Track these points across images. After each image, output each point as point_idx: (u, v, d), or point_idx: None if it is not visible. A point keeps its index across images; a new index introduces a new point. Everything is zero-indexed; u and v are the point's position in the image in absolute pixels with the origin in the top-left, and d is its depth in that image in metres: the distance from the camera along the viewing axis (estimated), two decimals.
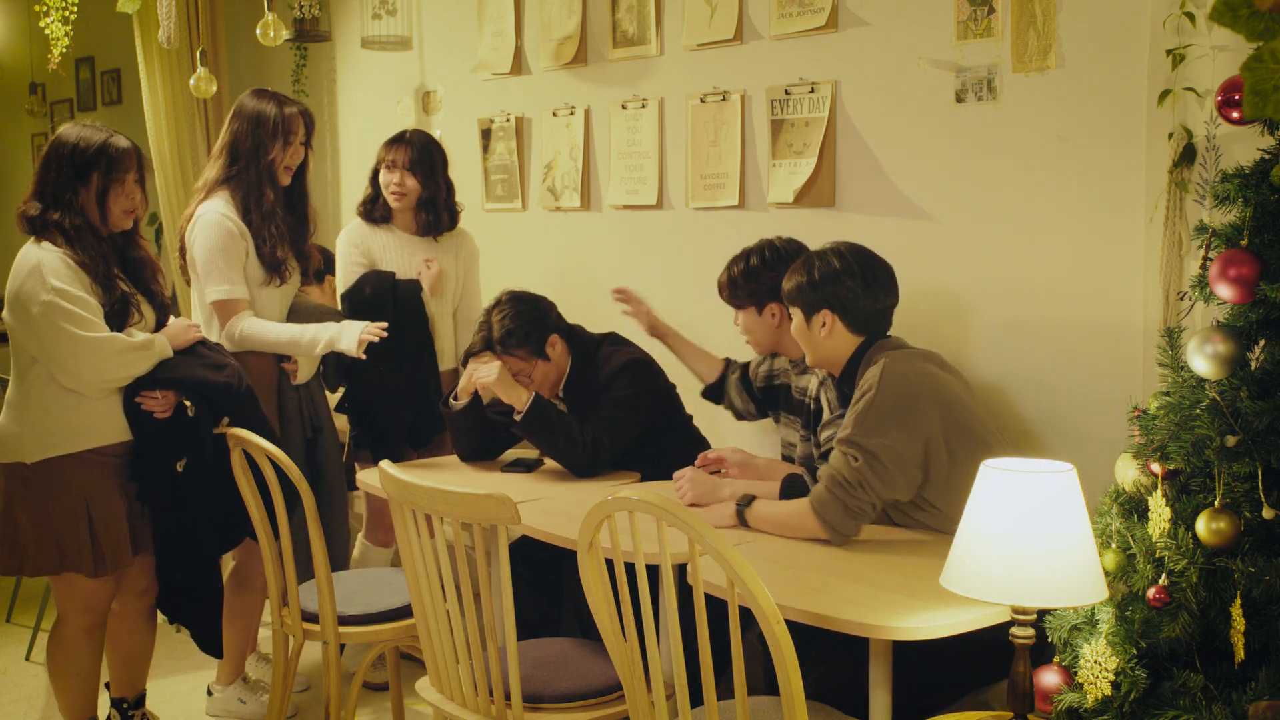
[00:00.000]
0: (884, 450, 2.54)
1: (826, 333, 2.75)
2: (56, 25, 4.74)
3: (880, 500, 2.57)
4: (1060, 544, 1.91)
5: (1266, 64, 1.47)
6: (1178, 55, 2.59)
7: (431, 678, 2.68)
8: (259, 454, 2.95)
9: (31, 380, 2.97)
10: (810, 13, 3.40)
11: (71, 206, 2.98)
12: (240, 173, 3.47)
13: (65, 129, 3.08)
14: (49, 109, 7.69)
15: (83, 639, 3.10)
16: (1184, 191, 2.62)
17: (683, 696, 2.17)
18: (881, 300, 2.75)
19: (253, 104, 3.52)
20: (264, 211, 3.47)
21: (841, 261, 2.72)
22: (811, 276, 2.74)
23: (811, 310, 2.76)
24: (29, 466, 2.96)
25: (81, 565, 2.98)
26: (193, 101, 5.38)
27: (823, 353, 2.79)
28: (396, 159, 3.78)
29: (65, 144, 3.01)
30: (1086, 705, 2.00)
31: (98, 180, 3.00)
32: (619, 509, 2.12)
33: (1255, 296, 1.95)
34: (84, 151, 3.00)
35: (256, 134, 3.47)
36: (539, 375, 3.35)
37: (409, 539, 2.55)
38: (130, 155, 3.05)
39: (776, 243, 3.12)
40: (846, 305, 2.72)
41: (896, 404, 2.56)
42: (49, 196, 2.99)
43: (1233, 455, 1.94)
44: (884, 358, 2.64)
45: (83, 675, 3.13)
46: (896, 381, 2.58)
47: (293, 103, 3.56)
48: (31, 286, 2.90)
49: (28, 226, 3.01)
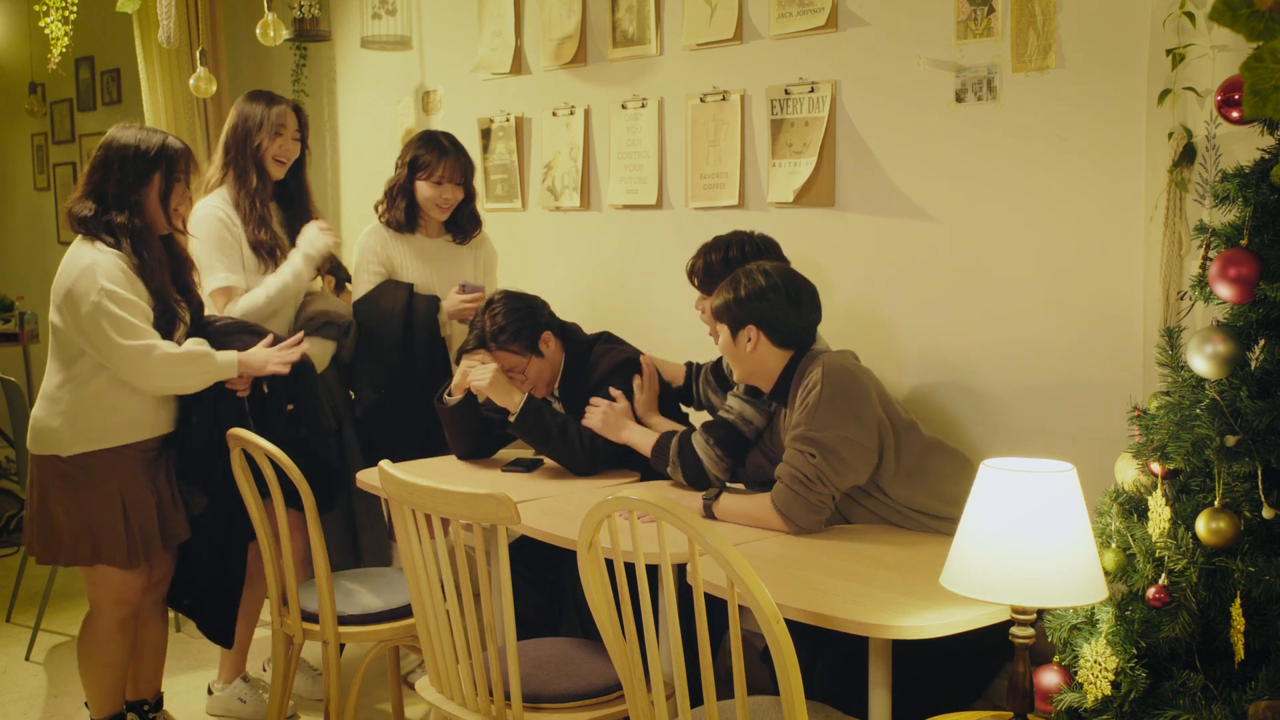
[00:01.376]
0: (839, 442, 2.63)
1: (752, 348, 2.81)
2: (56, 25, 4.73)
3: (839, 491, 2.68)
4: (1060, 544, 1.91)
5: (1266, 64, 1.47)
6: (1178, 55, 2.59)
7: (431, 678, 2.68)
8: (259, 454, 2.95)
9: (74, 374, 3.02)
10: (810, 12, 3.40)
11: (135, 208, 3.03)
12: (230, 164, 3.54)
13: (117, 131, 3.12)
14: (49, 109, 7.68)
15: (115, 631, 3.15)
16: (1184, 191, 2.62)
17: (683, 696, 2.17)
18: (805, 317, 2.82)
19: (244, 104, 3.61)
20: (250, 194, 3.51)
21: (767, 279, 2.79)
22: (738, 294, 2.80)
23: (738, 326, 2.82)
24: (65, 459, 3.01)
25: (115, 557, 3.04)
26: (192, 101, 5.38)
27: (749, 367, 2.86)
28: (446, 173, 3.71)
29: (125, 145, 3.06)
30: (1086, 705, 2.00)
31: (160, 181, 3.05)
32: (619, 509, 2.12)
33: (1255, 296, 1.95)
34: (145, 153, 3.05)
35: (245, 126, 3.55)
36: (533, 372, 3.35)
37: (409, 539, 2.55)
38: (187, 155, 3.13)
39: (755, 236, 3.13)
40: (771, 321, 2.78)
41: (844, 394, 2.67)
42: (110, 198, 3.03)
43: (1233, 455, 1.94)
44: (821, 357, 2.75)
45: (113, 667, 3.18)
46: (839, 374, 2.69)
47: (282, 99, 3.62)
48: (84, 286, 2.93)
49: (80, 226, 3.04)
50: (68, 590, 4.80)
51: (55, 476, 3.03)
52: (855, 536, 2.66)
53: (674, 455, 3.00)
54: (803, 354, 2.81)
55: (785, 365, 2.81)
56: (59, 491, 3.03)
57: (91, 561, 3.05)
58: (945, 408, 3.18)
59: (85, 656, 3.18)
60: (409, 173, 3.75)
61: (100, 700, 3.20)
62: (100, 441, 3.01)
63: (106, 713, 3.21)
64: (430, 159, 3.72)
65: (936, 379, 3.22)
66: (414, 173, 3.74)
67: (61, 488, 3.03)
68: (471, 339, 3.36)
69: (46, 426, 3.03)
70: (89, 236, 3.02)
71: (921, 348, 3.25)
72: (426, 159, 3.72)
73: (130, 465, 3.05)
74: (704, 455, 2.95)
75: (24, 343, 6.86)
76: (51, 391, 3.05)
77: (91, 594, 3.15)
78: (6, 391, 4.49)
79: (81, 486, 3.02)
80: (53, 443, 3.02)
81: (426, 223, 3.80)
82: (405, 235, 3.79)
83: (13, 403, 4.47)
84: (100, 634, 3.15)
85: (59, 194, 7.74)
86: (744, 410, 3.01)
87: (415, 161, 3.74)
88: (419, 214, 3.78)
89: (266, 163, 3.55)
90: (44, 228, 8.03)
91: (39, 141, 7.96)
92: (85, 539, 3.03)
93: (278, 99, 3.61)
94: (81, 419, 3.00)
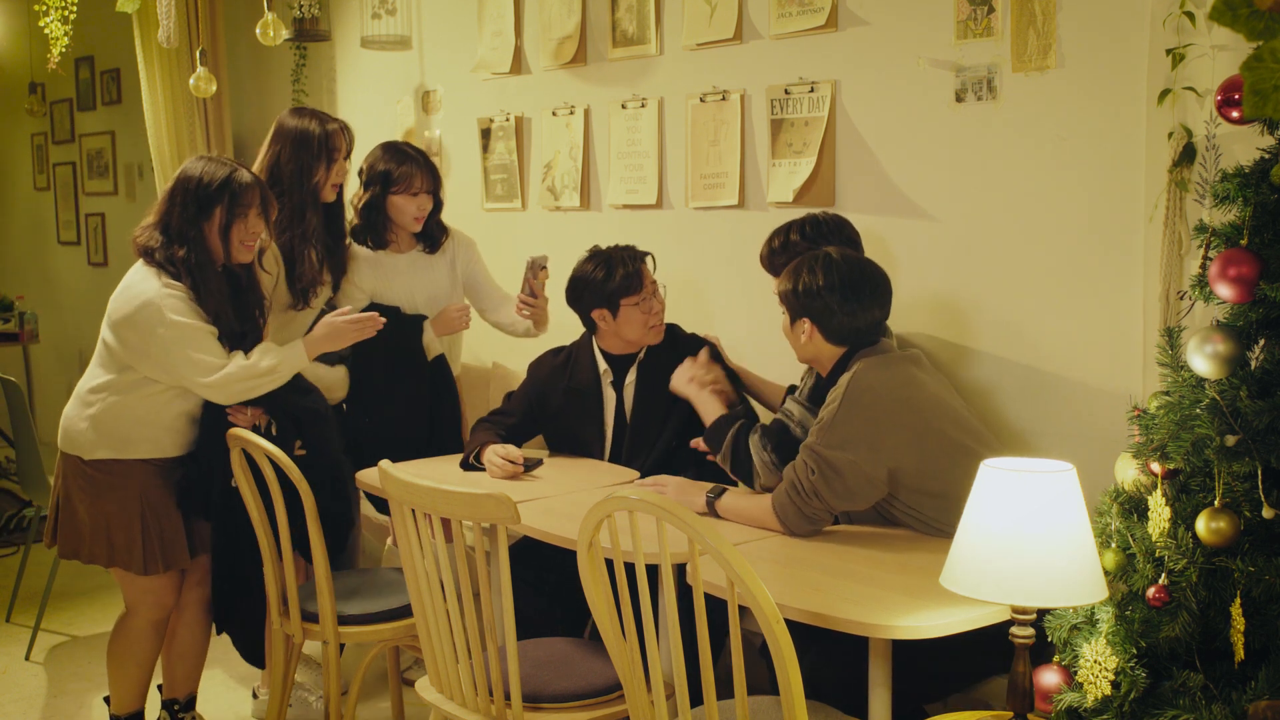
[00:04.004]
0: (843, 464, 2.58)
1: (807, 338, 2.80)
2: (56, 25, 4.73)
3: (835, 509, 2.64)
4: (1060, 544, 1.91)
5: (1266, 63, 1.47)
6: (1178, 55, 2.59)
7: (431, 678, 2.68)
8: (259, 454, 2.96)
9: (118, 382, 3.05)
10: (810, 12, 3.40)
11: (195, 242, 3.05)
12: (282, 196, 3.40)
13: (190, 163, 3.13)
14: (49, 109, 7.68)
15: (149, 631, 3.20)
16: (1184, 191, 2.62)
17: (683, 696, 2.17)
18: (861, 316, 2.74)
19: (294, 123, 3.47)
20: (305, 236, 3.43)
21: (827, 277, 2.73)
22: (795, 285, 2.78)
23: (795, 316, 2.81)
24: (86, 462, 3.07)
25: (130, 563, 3.08)
26: (192, 101, 5.37)
27: (806, 354, 2.85)
28: (422, 184, 3.63)
29: (190, 177, 3.08)
30: (1086, 705, 2.00)
31: (221, 215, 3.06)
32: (619, 509, 2.12)
33: (1255, 296, 1.95)
34: (208, 186, 3.06)
35: (300, 156, 3.44)
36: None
37: (409, 539, 2.55)
38: (254, 190, 3.10)
39: (820, 217, 3.11)
40: (825, 317, 2.75)
41: (863, 417, 2.60)
42: (173, 231, 3.05)
43: (1233, 455, 1.94)
44: (857, 365, 2.67)
45: (142, 665, 3.22)
46: (864, 394, 2.61)
47: (334, 119, 3.52)
48: (147, 317, 2.97)
49: (145, 255, 3.07)
50: (68, 590, 4.81)
51: (78, 476, 3.09)
52: (855, 537, 2.66)
53: (728, 445, 2.95)
54: (857, 350, 2.76)
55: (839, 358, 2.78)
56: (81, 491, 3.09)
57: (108, 563, 3.11)
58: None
59: (115, 653, 3.22)
60: (382, 188, 3.64)
61: (124, 696, 3.23)
62: (122, 452, 3.06)
63: (127, 709, 3.24)
64: (407, 171, 3.61)
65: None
66: (387, 188, 3.64)
67: (84, 487, 3.08)
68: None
69: (74, 427, 3.08)
70: (149, 263, 3.05)
71: (921, 347, 3.25)
72: (403, 171, 3.61)
73: (151, 477, 3.10)
74: (757, 458, 2.88)
75: (24, 343, 6.86)
76: (85, 394, 3.09)
77: (127, 595, 3.20)
78: (6, 391, 4.49)
79: (102, 489, 3.07)
80: (78, 444, 3.07)
81: (397, 238, 3.71)
82: (379, 253, 3.70)
83: (13, 403, 4.47)
84: (133, 633, 3.19)
85: (59, 194, 7.74)
86: (805, 419, 2.91)
87: (389, 176, 3.62)
88: (389, 228, 3.70)
89: (325, 193, 3.49)
90: (44, 228, 8.03)
91: (39, 141, 7.96)
92: (103, 540, 3.08)
93: (328, 118, 3.51)
94: (107, 426, 3.04)
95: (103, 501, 3.06)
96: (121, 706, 3.24)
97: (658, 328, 3.37)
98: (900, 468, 2.61)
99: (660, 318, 3.38)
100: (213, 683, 3.87)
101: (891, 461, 2.60)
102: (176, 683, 3.35)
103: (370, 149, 3.76)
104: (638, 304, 3.31)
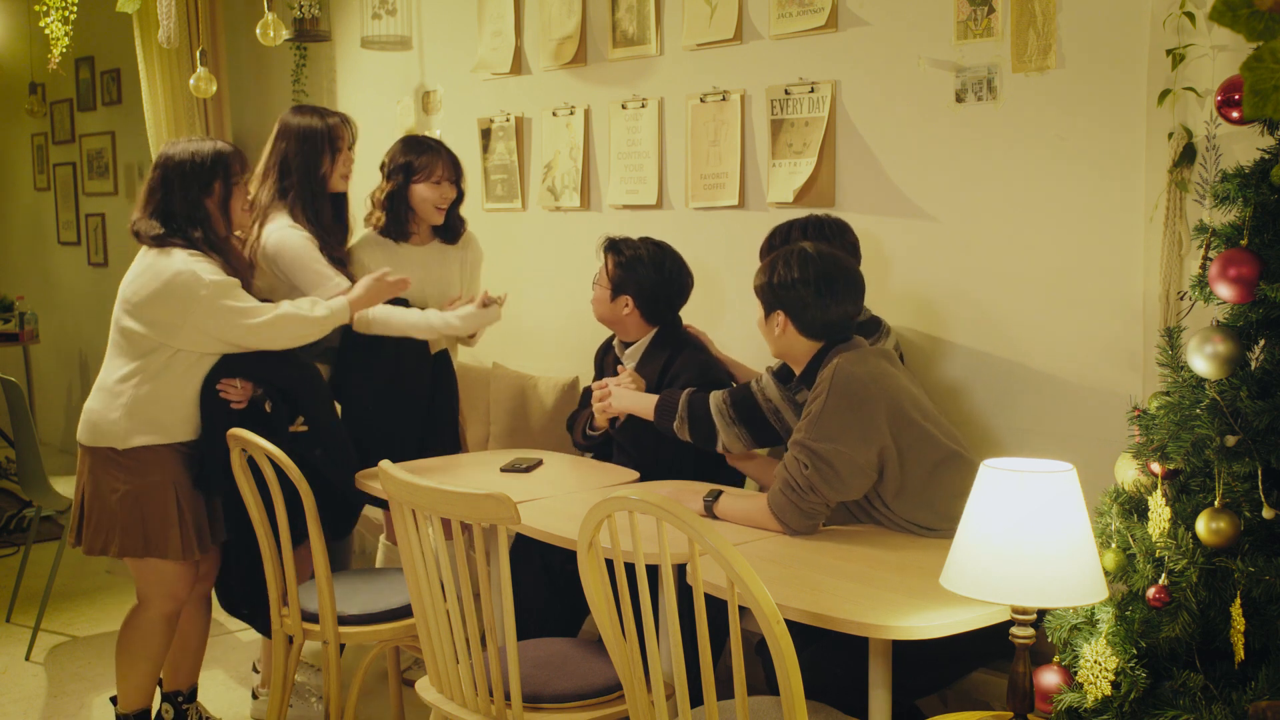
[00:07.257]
0: (834, 455, 2.59)
1: (780, 331, 2.80)
2: (56, 25, 4.74)
3: (832, 501, 2.65)
4: (1060, 544, 1.91)
5: (1266, 64, 1.47)
6: (1178, 55, 2.59)
7: (431, 678, 2.68)
8: (259, 454, 2.96)
9: (146, 367, 3.08)
10: (810, 12, 3.40)
11: (205, 222, 3.12)
12: (292, 190, 3.48)
13: (168, 148, 3.19)
14: (49, 109, 7.67)
15: (161, 625, 3.21)
16: (1184, 191, 2.62)
17: (683, 696, 2.17)
18: (834, 310, 2.75)
19: (297, 120, 3.54)
20: (325, 226, 3.51)
21: (802, 271, 2.74)
22: (771, 279, 2.78)
23: (769, 309, 2.82)
24: (120, 451, 3.08)
25: (167, 550, 3.11)
26: (192, 101, 5.37)
27: (779, 348, 2.86)
28: (443, 173, 3.65)
29: (180, 161, 3.13)
30: (1086, 705, 2.00)
31: (220, 188, 3.14)
32: (619, 509, 2.12)
33: (1255, 296, 1.95)
34: (201, 163, 3.13)
35: (306, 150, 3.50)
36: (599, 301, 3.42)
37: (409, 539, 2.55)
38: (238, 155, 3.20)
39: (823, 219, 3.11)
40: (799, 311, 2.76)
41: (849, 406, 2.61)
42: (178, 216, 3.10)
43: (1233, 455, 1.94)
44: (837, 359, 2.68)
45: (152, 660, 3.23)
46: (848, 383, 2.62)
47: (334, 113, 3.59)
48: (184, 284, 3.02)
49: (153, 242, 3.11)
50: (68, 590, 4.81)
51: (111, 467, 3.10)
52: (855, 537, 2.66)
53: (682, 409, 2.97)
54: (833, 345, 2.77)
55: (814, 354, 2.79)
56: (115, 482, 3.09)
57: (142, 553, 3.11)
58: (944, 407, 3.18)
59: (126, 648, 3.23)
60: (405, 178, 3.66)
61: (132, 693, 3.23)
62: (156, 436, 3.10)
63: (135, 706, 3.24)
64: (428, 160, 3.65)
65: (936, 378, 3.22)
66: (409, 177, 3.66)
67: (118, 478, 3.09)
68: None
69: (105, 419, 3.09)
70: (164, 246, 3.09)
71: (921, 346, 3.25)
72: (424, 161, 3.65)
73: (180, 463, 3.14)
74: (716, 413, 2.90)
75: (24, 343, 6.85)
76: (112, 385, 3.11)
77: (141, 588, 3.20)
78: (6, 391, 4.49)
79: (137, 477, 3.09)
80: (110, 435, 3.09)
81: (418, 228, 3.73)
82: (400, 244, 3.71)
83: (13, 403, 4.46)
84: (145, 627, 3.20)
85: (59, 194, 7.74)
86: (768, 388, 2.95)
87: (410, 166, 3.65)
88: (410, 220, 3.72)
89: (336, 183, 3.55)
90: (44, 228, 8.02)
91: (39, 142, 7.96)
92: (137, 530, 3.09)
93: (328, 112, 3.57)
94: (140, 413, 3.08)
95: (138, 489, 3.08)
96: (129, 703, 3.23)
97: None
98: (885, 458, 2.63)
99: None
100: (213, 683, 3.87)
101: (878, 450, 2.62)
102: (180, 675, 3.38)
103: (374, 148, 3.80)
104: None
